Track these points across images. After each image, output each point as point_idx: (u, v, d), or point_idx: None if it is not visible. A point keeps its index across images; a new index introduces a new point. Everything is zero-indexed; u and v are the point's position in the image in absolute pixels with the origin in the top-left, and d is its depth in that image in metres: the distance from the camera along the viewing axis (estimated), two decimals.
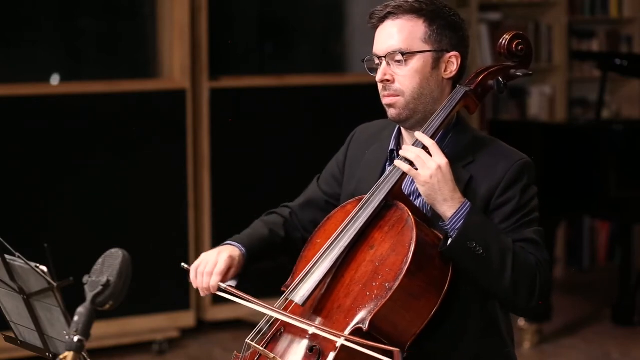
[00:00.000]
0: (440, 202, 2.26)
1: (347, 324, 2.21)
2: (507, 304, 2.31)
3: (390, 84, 2.37)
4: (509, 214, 2.31)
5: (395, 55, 2.36)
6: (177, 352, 5.16)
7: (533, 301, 2.26)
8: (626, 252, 5.50)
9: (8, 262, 2.09)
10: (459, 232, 2.22)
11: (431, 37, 2.36)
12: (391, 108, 2.39)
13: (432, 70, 2.37)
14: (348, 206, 2.42)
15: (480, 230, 2.23)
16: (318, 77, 5.70)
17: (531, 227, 2.32)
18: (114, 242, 2.35)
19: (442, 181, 2.25)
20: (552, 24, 6.67)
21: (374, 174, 2.46)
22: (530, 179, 2.35)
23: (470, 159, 2.36)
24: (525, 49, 2.44)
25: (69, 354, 1.80)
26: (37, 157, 4.92)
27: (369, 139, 2.57)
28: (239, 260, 2.48)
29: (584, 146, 5.21)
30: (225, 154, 5.34)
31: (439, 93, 2.39)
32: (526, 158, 2.37)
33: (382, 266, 2.24)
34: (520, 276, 2.24)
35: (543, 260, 2.28)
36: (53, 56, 5.41)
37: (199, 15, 5.25)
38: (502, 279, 2.23)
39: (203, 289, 2.44)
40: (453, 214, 2.24)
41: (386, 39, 2.38)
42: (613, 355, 5.09)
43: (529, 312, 2.29)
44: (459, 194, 2.26)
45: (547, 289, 2.29)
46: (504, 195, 2.32)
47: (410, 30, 2.36)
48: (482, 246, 2.22)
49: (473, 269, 2.25)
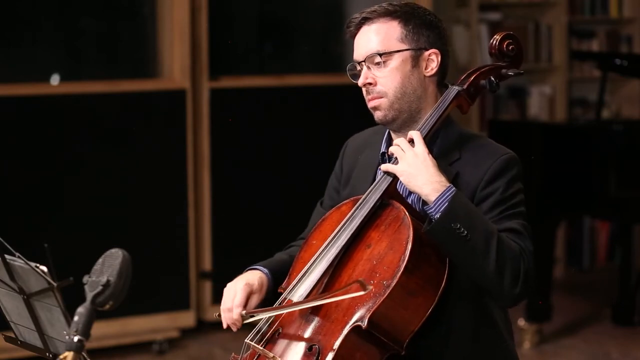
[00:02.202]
0: (420, 186, 2.26)
1: (346, 322, 2.22)
2: (492, 289, 2.29)
3: (373, 86, 2.41)
4: (492, 205, 2.32)
5: (374, 57, 2.40)
6: (177, 352, 5.16)
7: (517, 287, 2.26)
8: (626, 252, 5.51)
9: (8, 262, 2.09)
10: (442, 213, 2.23)
11: (407, 37, 2.40)
12: (377, 111, 2.42)
13: (413, 69, 2.40)
14: (343, 207, 2.43)
15: (464, 213, 2.24)
16: (318, 77, 5.70)
17: (516, 219, 2.33)
18: (114, 242, 2.35)
19: (421, 167, 2.26)
20: (552, 24, 6.67)
21: (367, 177, 2.49)
22: (514, 173, 2.36)
23: (457, 156, 2.38)
24: (516, 48, 2.47)
25: (69, 354, 1.80)
26: (37, 157, 4.92)
27: (360, 146, 2.60)
28: (261, 282, 2.45)
29: (584, 146, 5.21)
30: (225, 154, 5.34)
31: (422, 91, 2.42)
32: (511, 153, 2.38)
33: (379, 264, 2.25)
34: (504, 261, 2.23)
35: (526, 249, 2.28)
36: (53, 56, 5.41)
37: (199, 15, 5.25)
38: (486, 263, 2.22)
39: (230, 325, 2.40)
40: (437, 197, 2.25)
41: (364, 44, 2.42)
42: (613, 355, 5.09)
43: (513, 299, 2.28)
44: (443, 179, 2.27)
45: (530, 277, 2.28)
46: (487, 188, 2.33)
47: (386, 32, 2.40)
48: (466, 228, 2.21)
49: (456, 251, 2.25)
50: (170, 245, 5.20)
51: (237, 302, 2.38)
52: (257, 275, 2.46)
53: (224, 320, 2.41)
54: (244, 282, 2.42)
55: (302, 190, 5.40)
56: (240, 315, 2.37)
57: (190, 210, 5.22)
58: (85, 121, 5.02)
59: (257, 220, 5.39)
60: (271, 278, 2.47)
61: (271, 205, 5.44)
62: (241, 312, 2.37)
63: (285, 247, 2.67)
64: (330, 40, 6.12)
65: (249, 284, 2.42)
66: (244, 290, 2.40)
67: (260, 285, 2.44)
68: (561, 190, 5.23)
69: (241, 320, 2.37)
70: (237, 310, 2.38)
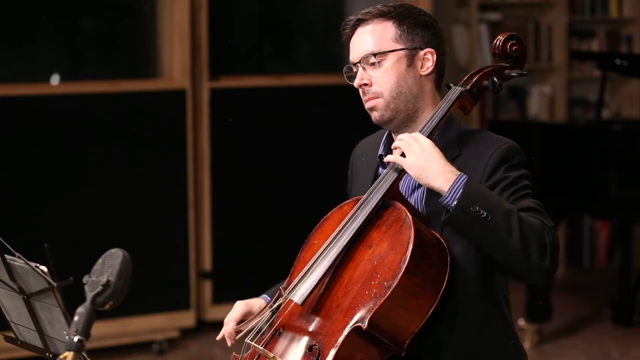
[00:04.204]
0: (433, 178, 2.26)
1: (346, 323, 2.22)
2: (520, 268, 2.26)
3: (369, 87, 2.42)
4: (501, 191, 2.31)
5: (369, 58, 2.41)
6: (177, 352, 5.16)
7: (546, 260, 2.23)
8: (626, 252, 5.50)
9: (8, 262, 2.09)
10: (460, 198, 2.22)
11: (402, 37, 2.40)
12: (373, 111, 2.43)
13: (408, 68, 2.41)
14: (345, 206, 2.43)
15: (481, 196, 2.23)
16: (318, 77, 5.70)
17: (528, 199, 2.31)
18: (114, 242, 2.35)
19: (430, 158, 2.26)
20: (552, 24, 6.67)
21: (367, 178, 2.50)
22: (517, 160, 2.35)
23: (457, 152, 2.38)
24: (519, 49, 2.47)
25: (69, 354, 1.80)
26: (36, 157, 4.92)
27: (365, 150, 2.61)
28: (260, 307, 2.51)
29: (584, 146, 5.21)
30: (225, 154, 5.34)
31: (418, 90, 2.42)
32: (511, 142, 2.38)
33: (380, 265, 2.25)
34: (528, 236, 2.21)
35: (548, 224, 2.27)
36: (53, 56, 5.41)
37: (199, 15, 5.25)
38: (510, 241, 2.21)
39: (226, 338, 2.50)
40: (451, 186, 2.24)
41: (359, 46, 2.43)
42: (613, 355, 5.09)
43: (544, 273, 2.25)
44: (453, 168, 2.27)
45: (557, 249, 2.26)
46: (491, 177, 2.33)
47: (380, 33, 2.41)
48: (485, 209, 2.20)
49: (479, 235, 2.24)
50: (170, 245, 5.20)
51: (232, 317, 2.49)
52: (260, 301, 2.55)
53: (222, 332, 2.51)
54: (245, 302, 2.53)
55: (302, 190, 5.41)
56: (232, 329, 2.47)
57: (190, 210, 5.22)
58: (85, 121, 5.02)
59: (257, 221, 5.39)
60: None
61: (271, 206, 5.44)
62: (234, 326, 2.46)
63: None
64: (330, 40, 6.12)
65: (249, 304, 2.52)
66: (243, 308, 2.50)
67: (259, 308, 2.51)
68: (561, 190, 5.23)
69: (234, 334, 2.47)
70: (231, 324, 2.47)
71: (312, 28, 6.08)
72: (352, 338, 2.21)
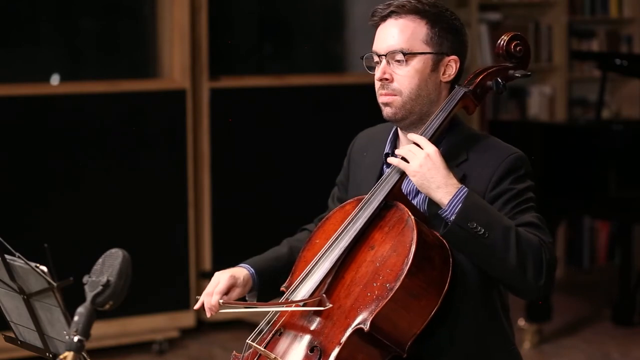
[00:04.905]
0: (434, 189, 2.26)
1: (348, 324, 2.21)
2: (516, 284, 2.27)
3: (389, 82, 2.38)
4: (504, 203, 2.31)
5: (396, 54, 2.37)
6: (177, 352, 5.16)
7: (542, 279, 2.24)
8: (626, 252, 5.50)
9: (8, 262, 2.08)
10: (458, 214, 2.22)
11: (432, 39, 2.37)
12: (387, 107, 2.40)
13: (431, 73, 2.38)
14: (347, 206, 2.42)
15: (479, 211, 2.23)
16: (318, 77, 5.70)
17: (530, 213, 2.31)
18: (114, 242, 2.35)
19: (433, 168, 2.26)
20: (552, 24, 6.67)
21: (372, 176, 2.48)
22: (523, 171, 2.35)
23: (464, 157, 2.37)
24: (524, 49, 2.45)
25: (69, 354, 1.80)
26: (37, 157, 4.92)
27: (367, 143, 2.58)
28: (245, 280, 2.49)
29: (584, 146, 5.21)
30: (225, 154, 5.34)
31: (436, 95, 2.40)
32: (519, 152, 2.37)
33: (382, 267, 2.24)
34: (525, 254, 2.22)
35: (546, 240, 2.27)
36: (53, 56, 5.41)
37: (199, 15, 5.25)
38: (507, 258, 2.21)
39: (207, 309, 2.45)
40: (450, 200, 2.24)
41: (388, 38, 2.38)
42: (613, 355, 5.09)
43: (539, 291, 2.25)
44: (455, 181, 2.26)
45: (553, 267, 2.27)
46: (496, 188, 2.32)
47: (412, 31, 2.37)
48: (483, 226, 2.20)
49: (476, 251, 2.24)
50: (170, 245, 5.19)
51: (219, 289, 2.44)
52: (244, 272, 2.51)
53: (204, 304, 2.45)
54: (229, 273, 2.48)
55: (302, 190, 5.41)
56: (217, 302, 2.42)
57: (190, 210, 5.22)
58: (85, 121, 5.02)
59: (257, 220, 5.39)
60: (257, 280, 2.51)
61: (271, 205, 5.44)
62: (219, 299, 2.42)
63: (299, 229, 2.67)
64: (330, 40, 6.12)
65: (234, 276, 2.47)
66: (228, 280, 2.46)
67: (244, 281, 2.49)
68: (561, 190, 5.22)
69: (218, 307, 2.43)
70: (217, 297, 2.43)
71: (312, 28, 6.08)
72: (354, 339, 2.20)
